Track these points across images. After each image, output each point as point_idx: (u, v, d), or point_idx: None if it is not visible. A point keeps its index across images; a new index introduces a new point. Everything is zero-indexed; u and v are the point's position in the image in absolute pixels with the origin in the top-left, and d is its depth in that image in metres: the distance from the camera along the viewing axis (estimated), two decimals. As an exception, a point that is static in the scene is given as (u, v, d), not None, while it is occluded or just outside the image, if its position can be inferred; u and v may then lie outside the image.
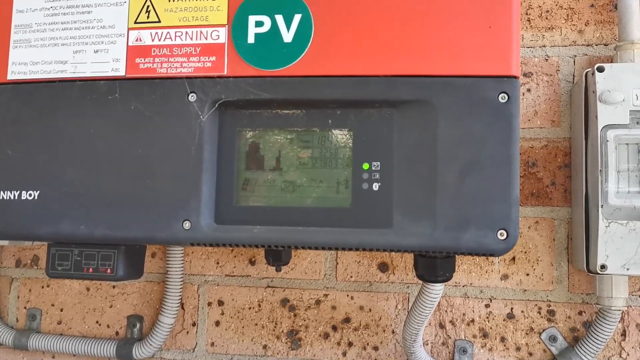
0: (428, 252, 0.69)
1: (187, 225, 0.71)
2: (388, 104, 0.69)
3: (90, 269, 0.76)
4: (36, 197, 0.74)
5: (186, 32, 0.73)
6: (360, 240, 0.68)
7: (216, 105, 0.72)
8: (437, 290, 0.79)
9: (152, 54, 0.74)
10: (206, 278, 1.06)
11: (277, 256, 0.84)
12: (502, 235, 0.65)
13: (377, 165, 0.70)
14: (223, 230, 0.71)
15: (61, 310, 1.11)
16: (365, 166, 0.70)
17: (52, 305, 1.12)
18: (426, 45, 0.68)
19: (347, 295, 1.01)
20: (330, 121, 0.71)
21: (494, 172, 0.66)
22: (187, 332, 1.06)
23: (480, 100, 0.67)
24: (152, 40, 0.74)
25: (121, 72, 0.74)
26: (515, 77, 0.67)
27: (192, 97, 0.72)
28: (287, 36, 0.71)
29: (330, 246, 0.70)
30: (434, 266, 0.76)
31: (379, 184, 0.69)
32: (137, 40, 0.74)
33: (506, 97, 0.67)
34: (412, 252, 0.71)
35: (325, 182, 0.71)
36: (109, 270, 0.75)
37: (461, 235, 0.66)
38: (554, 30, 0.97)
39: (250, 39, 0.71)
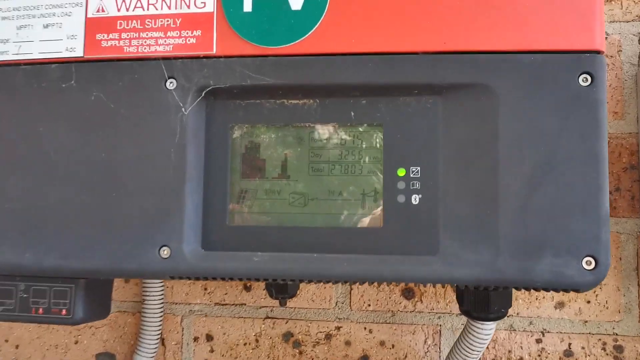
0: (487, 287, 0.54)
1: (165, 252, 0.55)
2: (430, 90, 0.54)
3: (41, 310, 0.60)
4: (-34, 217, 0.58)
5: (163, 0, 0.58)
6: (396, 271, 0.53)
7: (203, 94, 0.56)
8: (488, 330, 0.64)
9: (119, 27, 0.58)
10: (191, 307, 0.90)
11: (282, 288, 0.68)
12: (589, 263, 0.50)
13: (417, 171, 0.54)
14: (213, 259, 0.56)
15: (17, 347, 0.95)
16: (401, 172, 0.55)
17: (6, 341, 0.95)
18: (481, 11, 0.53)
19: (365, 328, 0.85)
20: (352, 113, 0.56)
21: (575, 178, 0.51)
22: (170, 374, 0.90)
23: (554, 83, 0.52)
24: (118, 10, 0.58)
25: (78, 53, 0.59)
26: (599, 52, 0.52)
27: (170, 84, 0.57)
28: (296, 2, 0.55)
29: (356, 279, 0.54)
30: (485, 300, 0.61)
31: (420, 195, 0.54)
32: (98, 11, 0.59)
33: (589, 78, 0.52)
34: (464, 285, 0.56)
35: (347, 194, 0.56)
36: (64, 311, 0.60)
37: (533, 265, 0.51)
38: (612, 2, 0.82)
39: (247, 7, 0.56)
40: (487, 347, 0.82)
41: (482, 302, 0.61)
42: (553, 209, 0.51)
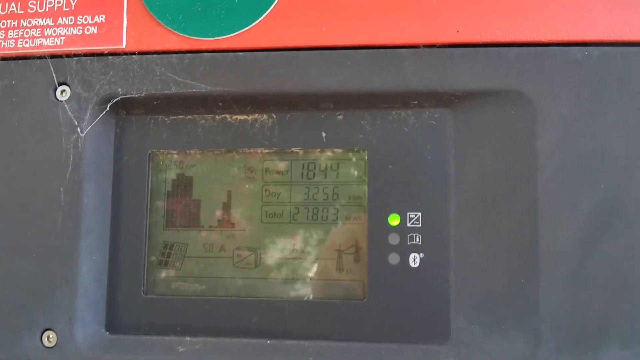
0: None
1: (50, 339, 0.40)
2: (436, 100, 0.39)
3: None
4: None
5: (54, -26, 0.42)
6: (389, 368, 0.37)
7: (108, 107, 0.40)
8: None
9: (-8, 14, 0.42)
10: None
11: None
12: (677, 360, 0.34)
13: (417, 219, 0.39)
14: (121, 348, 0.40)
15: None
16: (394, 220, 0.39)
17: None
18: (509, -15, 0.38)
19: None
20: (324, 134, 0.40)
21: (654, 231, 0.35)
22: None
23: (619, 87, 0.37)
24: (-8, -10, 0.42)
25: (-64, 50, 0.43)
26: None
27: (62, 93, 0.41)
28: (240, -26, 0.40)
29: (330, 379, 0.38)
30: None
31: (421, 255, 0.38)
32: (-34, -9, 0.43)
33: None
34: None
35: (316, 250, 0.40)
36: None
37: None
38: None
39: (171, -18, 0.40)
40: None
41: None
42: (618, 276, 0.36)
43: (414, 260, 0.39)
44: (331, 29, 0.39)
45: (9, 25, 0.42)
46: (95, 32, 0.41)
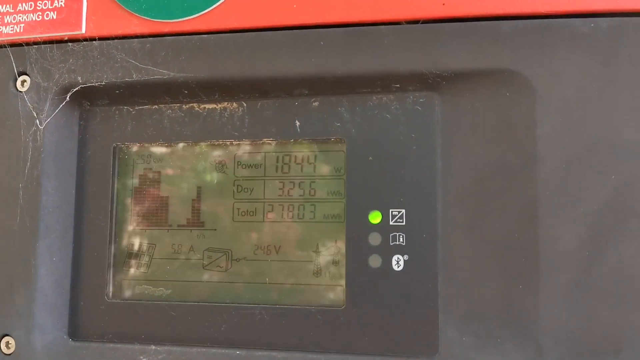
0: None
1: (9, 345, 0.38)
2: (421, 83, 0.35)
3: None
4: None
5: (15, -43, 0.40)
6: (367, 385, 0.33)
7: (68, 98, 0.38)
8: None
9: (-49, 1, 0.40)
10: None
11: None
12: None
13: (401, 216, 0.35)
14: (83, 355, 0.38)
15: None
16: (375, 217, 0.35)
17: None
18: (502, -51, 0.33)
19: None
20: (298, 123, 0.37)
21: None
22: None
23: (631, 64, 0.32)
24: (-48, -25, 0.40)
25: None
26: None
27: (22, 83, 0.38)
28: (205, -51, 0.36)
29: (303, 395, 0.34)
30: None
31: (406, 257, 0.34)
32: None
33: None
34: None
35: (291, 252, 0.36)
36: None
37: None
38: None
39: (133, -39, 0.37)
40: None
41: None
42: (628, 283, 0.31)
43: (398, 262, 0.35)
44: (302, 5, 0.35)
45: (-33, 13, 0.40)
46: (55, 17, 0.39)
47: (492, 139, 0.34)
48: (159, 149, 0.39)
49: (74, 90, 0.38)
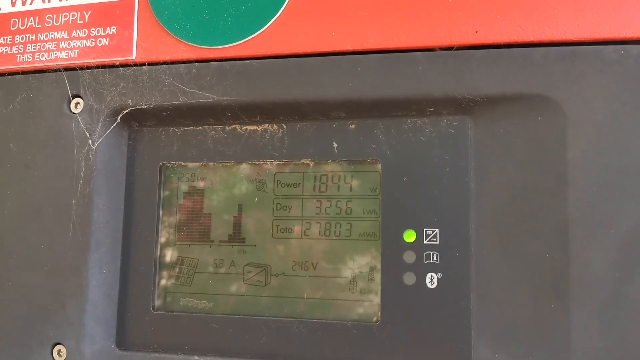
0: None
1: (60, 353, 0.41)
2: (455, 107, 0.37)
3: None
4: None
5: (71, -13, 0.43)
6: (401, 398, 0.35)
7: (119, 119, 0.41)
8: None
9: (12, 28, 0.44)
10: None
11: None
12: None
13: (435, 235, 0.37)
14: (129, 365, 0.40)
15: None
16: (410, 236, 0.37)
17: None
18: (534, -21, 0.35)
19: None
20: (335, 145, 0.39)
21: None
22: None
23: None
24: (13, 5, 0.44)
25: (-39, 65, 0.45)
26: None
27: (75, 105, 0.42)
28: (249, -20, 0.39)
29: (339, 406, 0.37)
30: None
31: (439, 275, 0.36)
32: (-10, 7, 0.45)
33: None
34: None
35: (328, 269, 0.39)
36: None
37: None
38: None
39: (180, -9, 0.41)
40: None
41: None
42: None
43: (431, 280, 0.37)
44: (340, 33, 0.38)
45: (28, 40, 0.44)
46: (107, 43, 0.42)
47: (523, 161, 0.35)
48: (202, 168, 0.42)
49: (125, 112, 0.41)
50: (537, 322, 0.34)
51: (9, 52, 0.44)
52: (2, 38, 0.44)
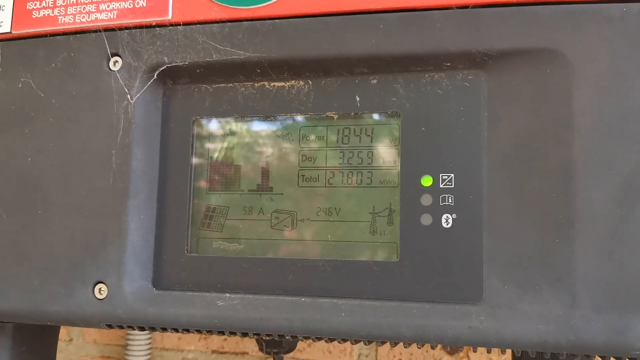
0: (556, 354, 0.39)
1: (101, 291, 0.44)
2: (469, 62, 0.41)
3: (-43, 362, 0.49)
4: None
5: (109, -46, 0.47)
6: (419, 327, 0.39)
7: (155, 76, 0.45)
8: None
9: (53, -8, 0.47)
10: (185, 355, 0.78)
11: (274, 340, 0.55)
12: None
13: (450, 180, 0.40)
14: (164, 302, 0.44)
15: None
16: (427, 181, 0.41)
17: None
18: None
19: (399, 389, 0.70)
20: (358, 98, 0.43)
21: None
22: None
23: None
24: (54, -29, 0.48)
25: (5, 28, 0.49)
26: None
27: (114, 64, 0.45)
28: (278, -55, 0.43)
29: (360, 336, 0.40)
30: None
31: (454, 215, 0.40)
32: (32, -26, 0.48)
33: None
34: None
35: (350, 212, 0.42)
36: (-18, 365, 0.49)
37: (631, 323, 0.36)
38: None
39: (214, -44, 0.44)
40: None
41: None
42: (662, 236, 0.36)
43: (447, 220, 0.40)
44: (364, -7, 0.41)
45: (68, 2, 0.47)
46: (144, 5, 0.45)
47: (532, 110, 0.39)
48: (233, 123, 0.45)
49: (161, 69, 0.45)
50: (543, 255, 0.38)
51: (50, 15, 0.48)
52: (44, 1, 0.48)
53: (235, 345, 0.76)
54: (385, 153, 0.42)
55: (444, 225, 0.40)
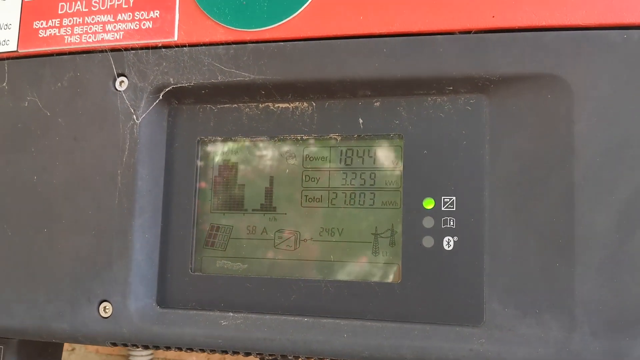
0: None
1: (106, 309, 0.45)
2: (472, 86, 0.41)
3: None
4: None
5: (115, -26, 0.47)
6: (420, 349, 0.40)
7: (161, 96, 0.46)
8: None
9: (60, 12, 0.48)
10: (187, 366, 0.79)
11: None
12: None
13: (452, 203, 0.41)
14: (169, 320, 0.45)
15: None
16: (429, 204, 0.41)
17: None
18: (545, -31, 0.39)
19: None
20: (361, 121, 0.43)
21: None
22: None
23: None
24: (61, -10, 0.48)
25: (12, 47, 0.49)
26: None
27: (120, 84, 0.46)
28: (283, -32, 0.44)
29: (363, 357, 0.41)
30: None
31: (455, 238, 0.41)
32: (39, -7, 0.49)
33: None
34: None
35: (353, 234, 0.43)
36: (-12, 380, 0.49)
37: (630, 346, 0.36)
38: None
39: (219, -22, 0.45)
40: None
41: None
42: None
43: (448, 243, 0.41)
44: (368, 17, 0.42)
45: (75, 22, 0.48)
46: (151, 26, 0.46)
47: (534, 135, 0.40)
48: (237, 143, 0.46)
49: (166, 90, 0.45)
50: (544, 278, 0.38)
51: (57, 34, 0.48)
52: (51, 21, 0.49)
53: (237, 357, 0.77)
54: (388, 175, 0.43)
55: (446, 247, 0.41)
